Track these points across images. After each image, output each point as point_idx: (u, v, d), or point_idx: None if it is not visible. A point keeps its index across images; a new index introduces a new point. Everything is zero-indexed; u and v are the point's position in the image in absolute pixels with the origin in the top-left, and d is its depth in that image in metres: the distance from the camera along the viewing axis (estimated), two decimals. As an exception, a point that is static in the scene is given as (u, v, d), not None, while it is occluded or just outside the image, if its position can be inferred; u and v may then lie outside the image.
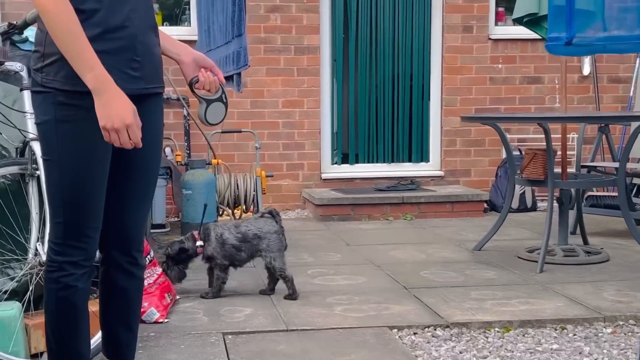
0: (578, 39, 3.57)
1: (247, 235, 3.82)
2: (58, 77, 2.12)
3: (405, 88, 6.70)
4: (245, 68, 3.69)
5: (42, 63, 2.14)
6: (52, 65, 2.12)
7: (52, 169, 2.22)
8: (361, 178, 6.63)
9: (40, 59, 2.14)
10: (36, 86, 2.17)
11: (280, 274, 3.81)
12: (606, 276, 4.15)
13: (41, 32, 2.15)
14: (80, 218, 2.24)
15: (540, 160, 4.41)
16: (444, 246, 5.09)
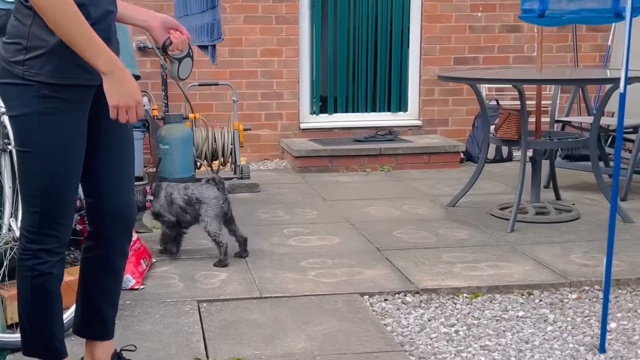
0: (550, 11, 3.56)
1: (191, 198, 3.92)
2: (44, 71, 2.14)
3: (385, 37, 6.65)
4: (219, 41, 3.66)
5: (24, 56, 2.14)
6: (37, 59, 2.14)
7: (31, 160, 2.24)
8: (340, 128, 6.64)
9: (22, 51, 2.14)
10: (13, 78, 2.17)
11: (213, 239, 3.89)
12: (575, 236, 4.24)
13: (21, 24, 2.15)
14: (56, 207, 2.28)
15: (514, 120, 4.43)
16: (419, 201, 5.16)
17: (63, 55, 2.13)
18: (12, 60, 2.16)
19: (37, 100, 2.16)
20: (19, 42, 2.15)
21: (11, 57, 2.16)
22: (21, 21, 2.15)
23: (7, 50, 2.18)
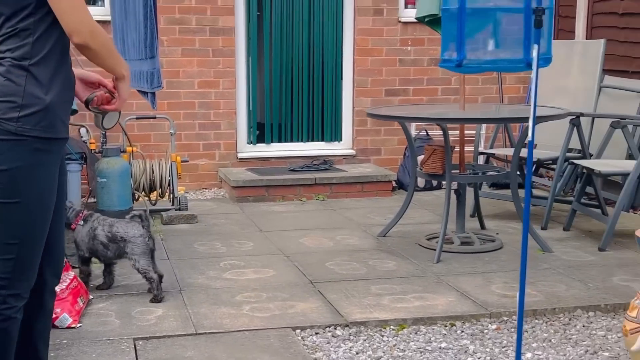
0: (468, 61, 3.81)
1: (115, 236, 4.01)
2: (39, 127, 2.31)
3: (320, 69, 6.86)
4: (158, 89, 3.78)
5: (19, 113, 2.28)
6: (32, 116, 2.29)
7: (15, 210, 2.36)
8: (276, 157, 6.81)
9: (16, 109, 2.28)
10: (4, 134, 2.29)
11: (144, 275, 4.00)
12: (497, 266, 4.48)
13: (14, 84, 2.29)
14: (32, 253, 2.44)
15: (439, 155, 4.67)
16: (352, 231, 5.34)
17: (55, 112, 2.32)
18: (4, 118, 2.29)
19: (30, 154, 2.33)
20: (13, 101, 2.28)
21: (2, 115, 2.29)
22: (14, 81, 2.28)
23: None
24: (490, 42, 3.87)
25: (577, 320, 3.74)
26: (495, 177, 4.88)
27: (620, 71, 6.03)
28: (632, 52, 5.97)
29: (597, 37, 6.25)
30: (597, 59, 5.70)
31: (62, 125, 2.38)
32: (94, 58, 2.37)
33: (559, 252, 4.75)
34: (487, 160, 5.94)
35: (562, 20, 6.82)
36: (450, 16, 3.88)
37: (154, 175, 5.75)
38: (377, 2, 6.75)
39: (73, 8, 2.27)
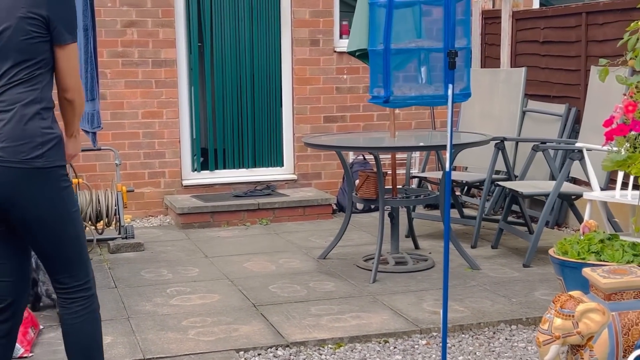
0: (394, 97, 4.12)
1: None
2: (58, 156, 2.66)
3: (260, 97, 7.11)
4: (99, 129, 3.98)
5: (42, 150, 2.60)
6: (53, 149, 2.63)
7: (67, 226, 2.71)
8: (220, 184, 7.02)
9: (37, 148, 2.59)
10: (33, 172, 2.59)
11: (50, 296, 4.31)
12: (428, 285, 4.77)
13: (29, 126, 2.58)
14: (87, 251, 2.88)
15: (372, 181, 4.96)
16: (293, 255, 5.59)
17: (62, 141, 2.69)
18: (30, 158, 2.58)
19: (61, 181, 2.67)
20: (32, 140, 2.58)
21: (26, 155, 2.58)
22: (27, 123, 2.58)
23: (16, 152, 2.57)
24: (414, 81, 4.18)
25: (501, 333, 4.05)
26: (425, 200, 5.19)
27: (542, 96, 6.43)
28: (552, 78, 6.37)
29: (520, 64, 6.65)
30: (519, 86, 6.09)
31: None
32: (71, 113, 2.72)
33: (486, 269, 5.07)
34: (421, 182, 6.26)
35: (489, 48, 7.22)
36: (376, 56, 4.18)
37: (100, 205, 5.91)
38: (313, 33, 7.05)
39: (73, 70, 2.68)
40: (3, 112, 2.58)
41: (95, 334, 2.87)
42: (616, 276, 3.30)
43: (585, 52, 5.97)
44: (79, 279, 2.78)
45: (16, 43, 2.59)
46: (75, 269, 2.78)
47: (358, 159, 6.95)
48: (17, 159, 2.56)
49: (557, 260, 3.82)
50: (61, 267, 2.77)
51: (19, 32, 2.59)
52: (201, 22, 6.94)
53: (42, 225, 2.68)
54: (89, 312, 2.82)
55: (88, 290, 2.81)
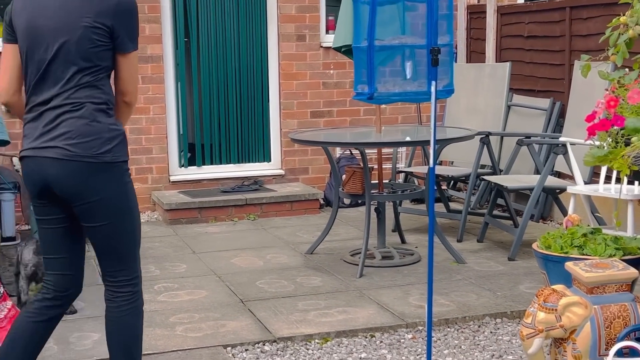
0: (378, 94, 4.15)
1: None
2: (123, 152, 2.83)
3: (247, 93, 7.13)
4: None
5: (110, 145, 2.75)
6: (119, 145, 2.80)
7: (126, 221, 2.86)
8: (208, 179, 7.03)
9: (106, 143, 2.74)
10: (102, 167, 2.74)
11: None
12: (415, 279, 4.80)
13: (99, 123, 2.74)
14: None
15: (359, 177, 4.99)
16: (281, 250, 5.61)
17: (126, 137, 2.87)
18: (99, 153, 2.73)
19: (124, 174, 2.84)
20: (100, 136, 2.73)
21: (97, 151, 2.73)
22: (96, 119, 2.74)
23: (88, 148, 2.72)
24: (398, 76, 4.21)
25: (486, 327, 4.09)
26: (411, 195, 5.22)
27: (527, 90, 6.47)
28: (537, 72, 6.41)
29: (505, 58, 6.69)
30: (504, 81, 6.13)
31: None
32: (127, 114, 2.92)
33: (472, 263, 5.11)
34: (407, 177, 6.30)
35: (474, 43, 7.25)
36: (360, 53, 4.21)
37: (88, 202, 5.90)
38: (299, 29, 7.06)
39: (134, 76, 2.86)
40: (73, 112, 2.75)
41: (136, 329, 2.99)
42: (598, 270, 3.34)
43: (570, 47, 6.02)
44: (128, 274, 2.92)
45: (81, 51, 2.75)
46: (126, 264, 2.92)
47: (345, 154, 6.98)
48: (89, 154, 2.72)
49: (541, 255, 3.86)
50: (114, 261, 2.91)
51: (85, 41, 2.74)
52: (187, 18, 6.94)
53: (104, 217, 2.82)
54: (133, 307, 2.95)
55: (135, 286, 2.95)
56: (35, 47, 2.79)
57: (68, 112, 2.74)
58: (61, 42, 2.75)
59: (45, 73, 2.77)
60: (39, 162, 2.77)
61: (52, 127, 2.75)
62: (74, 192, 2.76)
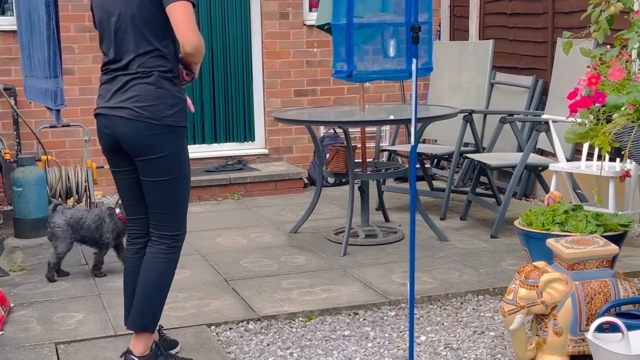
0: (357, 72, 4.13)
1: None
2: (183, 118, 3.07)
3: (231, 72, 7.09)
4: (62, 107, 3.96)
5: (173, 110, 3.02)
6: (180, 110, 3.05)
7: (178, 181, 3.11)
8: (192, 159, 6.89)
9: (170, 107, 3.01)
10: (164, 128, 3.00)
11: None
12: (398, 257, 4.82)
13: (162, 89, 3.00)
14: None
15: (342, 155, 4.98)
16: (265, 229, 5.62)
17: (186, 105, 3.10)
18: (162, 116, 3.00)
19: (182, 139, 3.09)
20: (165, 102, 3.00)
21: (160, 114, 2.99)
22: (162, 86, 3.00)
23: (154, 111, 2.99)
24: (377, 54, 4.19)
25: (468, 304, 4.12)
26: (395, 173, 5.23)
27: (510, 68, 6.48)
28: (520, 49, 6.42)
29: (489, 36, 6.69)
30: (487, 58, 6.13)
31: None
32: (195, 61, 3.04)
33: (454, 240, 5.14)
34: (391, 156, 6.30)
35: (457, 20, 7.24)
36: (339, 30, 4.19)
37: (70, 182, 5.89)
38: (282, 6, 7.02)
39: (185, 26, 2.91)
40: (142, 78, 2.99)
41: (165, 278, 3.25)
42: (579, 246, 3.37)
43: (552, 24, 6.01)
44: (172, 230, 3.17)
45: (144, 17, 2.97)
46: (171, 220, 3.17)
47: (329, 133, 6.97)
48: (154, 116, 2.98)
49: (522, 232, 3.89)
50: (160, 215, 3.16)
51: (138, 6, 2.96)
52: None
53: (158, 173, 3.08)
54: (168, 259, 3.20)
55: (175, 242, 3.20)
56: (104, 18, 3.08)
57: (138, 78, 3.00)
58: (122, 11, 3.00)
59: (116, 41, 3.03)
60: (110, 119, 3.06)
61: (124, 90, 3.02)
62: (138, 148, 3.05)
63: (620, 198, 4.83)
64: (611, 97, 3.27)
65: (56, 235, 4.54)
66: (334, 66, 4.28)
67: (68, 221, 4.54)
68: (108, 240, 4.56)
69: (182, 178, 3.13)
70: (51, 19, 3.80)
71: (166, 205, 3.15)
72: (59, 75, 3.88)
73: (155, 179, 3.10)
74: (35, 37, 4.05)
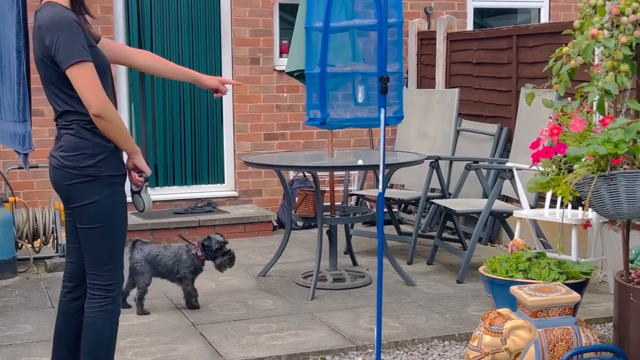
0: (330, 119, 4.23)
1: None
2: (109, 167, 3.07)
3: (201, 114, 7.16)
4: (30, 151, 3.97)
5: (93, 160, 3.04)
6: (103, 160, 3.06)
7: (106, 230, 3.10)
8: (162, 200, 7.01)
9: (90, 157, 3.04)
10: (84, 178, 3.04)
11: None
12: (365, 301, 4.86)
13: (84, 140, 3.03)
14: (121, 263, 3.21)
15: (311, 200, 5.05)
16: (234, 272, 5.61)
17: (117, 155, 3.10)
18: (82, 166, 3.03)
19: (107, 188, 3.08)
20: (84, 152, 3.03)
21: (80, 164, 3.03)
22: (83, 137, 3.03)
23: (74, 160, 3.04)
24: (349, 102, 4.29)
25: (434, 349, 4.16)
26: (362, 218, 5.29)
27: (476, 115, 6.62)
28: (485, 98, 6.57)
29: (455, 84, 6.84)
30: (453, 106, 6.27)
31: (121, 164, 3.14)
32: (106, 130, 3.01)
33: (421, 285, 5.20)
34: (359, 200, 6.38)
35: (424, 68, 7.40)
36: (312, 79, 4.28)
37: (38, 224, 5.86)
38: (253, 52, 7.13)
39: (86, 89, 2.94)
40: (67, 129, 3.06)
41: (104, 332, 3.18)
42: (542, 294, 3.44)
43: (517, 74, 6.18)
44: (103, 279, 3.14)
45: (46, 73, 3.02)
46: (102, 269, 3.14)
47: (298, 176, 7.04)
48: (74, 166, 3.04)
49: (487, 278, 3.96)
50: (91, 264, 3.16)
51: (43, 63, 3.01)
52: (141, 39, 6.95)
53: (85, 221, 3.10)
54: (103, 311, 3.15)
55: (108, 292, 3.16)
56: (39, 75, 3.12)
57: (65, 128, 3.09)
58: (41, 71, 3.06)
59: (47, 96, 3.11)
60: (49, 167, 3.19)
61: (58, 140, 3.15)
62: (64, 196, 3.14)
63: (583, 245, 4.94)
64: (571, 149, 3.38)
65: (136, 270, 4.72)
66: (308, 113, 4.37)
67: (146, 257, 4.74)
68: (185, 274, 4.74)
69: (111, 227, 3.12)
70: (22, 64, 3.83)
71: (95, 253, 3.15)
72: (28, 120, 3.89)
73: (82, 226, 3.13)
74: (5, 80, 4.07)
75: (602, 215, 3.45)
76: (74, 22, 2.97)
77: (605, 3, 3.68)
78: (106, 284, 3.15)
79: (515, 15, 8.40)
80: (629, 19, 3.47)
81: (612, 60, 3.48)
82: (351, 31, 4.47)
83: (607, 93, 3.48)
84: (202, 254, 4.77)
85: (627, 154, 3.32)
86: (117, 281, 3.19)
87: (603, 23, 3.61)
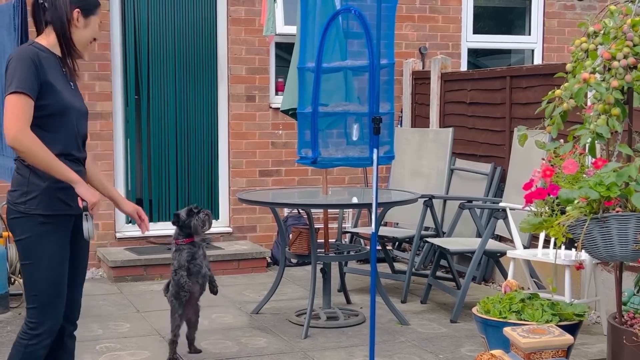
0: (322, 158, 4.27)
1: None
2: (40, 206, 3.06)
3: (196, 150, 7.19)
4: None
5: (26, 198, 3.06)
6: (35, 199, 3.06)
7: (31, 269, 3.10)
8: (155, 236, 7.00)
9: (23, 195, 3.07)
10: (17, 214, 3.07)
11: None
12: (359, 340, 4.85)
13: (22, 177, 3.08)
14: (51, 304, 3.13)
15: (305, 237, 5.05)
16: (227, 309, 5.61)
17: (51, 194, 3.05)
18: (16, 202, 3.08)
19: (36, 226, 3.07)
20: (20, 189, 3.08)
21: (16, 200, 3.08)
22: (22, 174, 3.09)
23: (12, 197, 3.10)
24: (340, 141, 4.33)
25: (427, 389, 4.15)
26: (357, 256, 5.30)
27: (469, 154, 6.66)
28: (478, 137, 6.62)
29: (449, 123, 6.90)
30: (447, 145, 6.31)
31: (61, 204, 3.08)
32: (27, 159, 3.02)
33: (415, 324, 5.19)
34: (353, 237, 6.38)
35: (419, 107, 7.46)
36: (304, 118, 4.32)
37: (31, 259, 5.83)
38: (249, 89, 7.19)
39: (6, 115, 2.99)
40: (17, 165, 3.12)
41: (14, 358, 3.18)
42: (535, 336, 3.45)
43: (510, 114, 6.24)
44: (28, 315, 3.16)
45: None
46: (28, 305, 3.16)
47: (292, 213, 7.05)
48: (11, 201, 3.10)
49: (480, 319, 3.96)
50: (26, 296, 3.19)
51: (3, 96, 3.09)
52: (138, 75, 7.00)
53: (20, 255, 3.16)
54: (20, 343, 3.16)
55: (30, 329, 3.14)
56: None
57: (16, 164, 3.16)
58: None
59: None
60: None
61: None
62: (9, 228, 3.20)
63: (577, 286, 4.95)
64: (564, 191, 3.40)
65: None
66: (299, 152, 4.40)
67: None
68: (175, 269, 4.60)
69: (36, 267, 3.10)
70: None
71: (25, 288, 3.19)
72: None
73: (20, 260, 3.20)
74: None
75: (595, 257, 3.47)
76: (29, 58, 3.01)
77: (597, 47, 3.74)
78: (29, 320, 3.16)
79: (509, 56, 8.49)
80: (620, 63, 3.52)
81: (604, 104, 3.52)
82: (343, 72, 4.53)
83: (599, 136, 3.52)
84: (177, 239, 4.46)
85: (620, 196, 3.35)
86: (40, 322, 3.14)
87: (595, 67, 3.66)
